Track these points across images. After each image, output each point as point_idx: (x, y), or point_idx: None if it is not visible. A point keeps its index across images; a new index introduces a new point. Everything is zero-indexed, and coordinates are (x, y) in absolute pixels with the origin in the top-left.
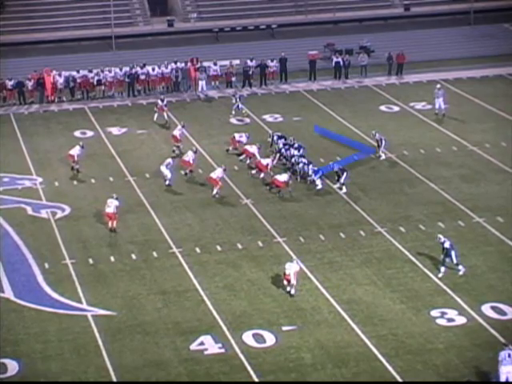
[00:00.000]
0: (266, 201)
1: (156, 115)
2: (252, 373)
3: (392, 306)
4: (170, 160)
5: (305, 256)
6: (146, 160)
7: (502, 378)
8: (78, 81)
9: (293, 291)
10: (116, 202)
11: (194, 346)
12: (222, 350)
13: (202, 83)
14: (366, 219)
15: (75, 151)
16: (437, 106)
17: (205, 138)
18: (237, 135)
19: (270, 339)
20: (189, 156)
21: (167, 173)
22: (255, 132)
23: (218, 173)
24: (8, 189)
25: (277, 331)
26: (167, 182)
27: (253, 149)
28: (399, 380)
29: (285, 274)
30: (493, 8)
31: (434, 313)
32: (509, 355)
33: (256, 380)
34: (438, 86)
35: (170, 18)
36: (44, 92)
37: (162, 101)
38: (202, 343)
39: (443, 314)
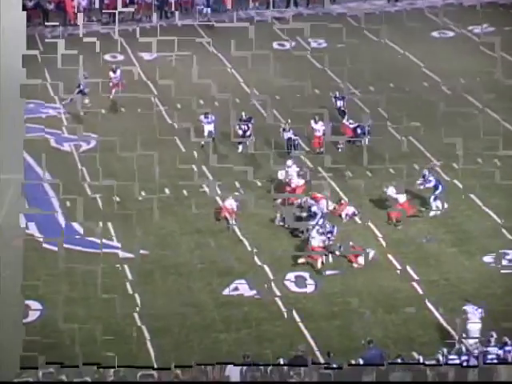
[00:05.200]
0: None
1: None
2: (296, 318)
3: (444, 249)
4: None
5: (350, 194)
6: (178, 89)
7: None
8: (106, 1)
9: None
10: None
11: (229, 290)
12: (260, 295)
13: None
14: (421, 151)
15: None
16: None
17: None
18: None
19: (311, 283)
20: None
21: (211, 128)
22: (297, 59)
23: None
24: (32, 117)
25: (319, 276)
26: (213, 136)
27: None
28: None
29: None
30: None
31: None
32: None
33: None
34: None
35: None
36: (66, 15)
37: None
38: (237, 288)
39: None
